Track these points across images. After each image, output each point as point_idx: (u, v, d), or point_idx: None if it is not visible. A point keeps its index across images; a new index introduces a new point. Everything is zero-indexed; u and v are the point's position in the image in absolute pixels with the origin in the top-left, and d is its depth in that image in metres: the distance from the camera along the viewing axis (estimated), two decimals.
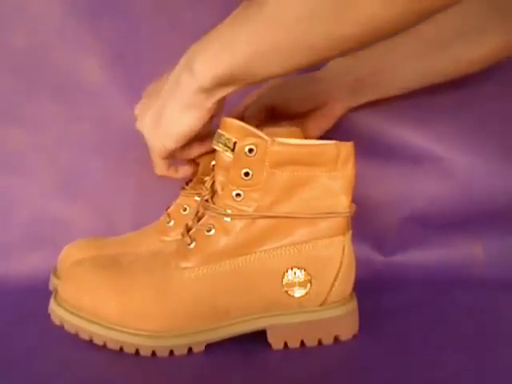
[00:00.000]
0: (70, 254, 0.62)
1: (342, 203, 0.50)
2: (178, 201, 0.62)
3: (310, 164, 0.49)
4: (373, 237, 0.70)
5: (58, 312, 0.50)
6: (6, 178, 0.73)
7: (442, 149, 0.68)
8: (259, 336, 0.51)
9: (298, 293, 0.50)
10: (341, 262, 0.51)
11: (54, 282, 0.63)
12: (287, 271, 0.50)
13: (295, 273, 0.50)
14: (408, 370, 0.47)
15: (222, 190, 0.50)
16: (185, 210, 0.61)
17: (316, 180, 0.49)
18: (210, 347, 0.50)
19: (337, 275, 0.51)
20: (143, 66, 0.71)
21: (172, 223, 0.61)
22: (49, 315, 0.51)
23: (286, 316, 0.51)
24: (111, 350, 0.49)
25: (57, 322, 0.50)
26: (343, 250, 0.51)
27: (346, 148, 0.49)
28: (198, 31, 0.58)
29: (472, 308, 0.59)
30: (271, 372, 0.48)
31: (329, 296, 0.51)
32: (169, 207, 0.63)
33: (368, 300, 0.57)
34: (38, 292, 0.61)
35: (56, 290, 0.52)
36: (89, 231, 0.70)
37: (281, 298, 0.50)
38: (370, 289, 0.59)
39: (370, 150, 0.69)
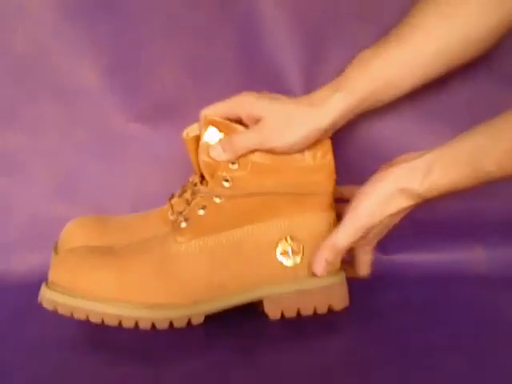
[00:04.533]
0: (72, 230, 0.61)
1: (326, 188, 0.53)
2: (186, 195, 0.60)
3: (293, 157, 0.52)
4: None
5: (49, 296, 0.50)
6: (6, 180, 0.73)
7: None
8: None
9: (292, 262, 0.52)
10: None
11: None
12: (280, 242, 0.52)
13: (288, 243, 0.52)
14: (407, 370, 0.47)
15: (212, 177, 0.52)
16: (187, 202, 0.57)
17: (299, 169, 0.52)
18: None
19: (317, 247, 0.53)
20: (142, 69, 0.71)
21: (174, 216, 0.59)
22: (46, 310, 0.50)
23: (281, 286, 0.53)
24: (111, 350, 0.49)
25: (49, 307, 0.50)
26: (330, 224, 0.54)
27: (324, 145, 0.53)
28: (197, 34, 0.58)
29: (472, 308, 0.59)
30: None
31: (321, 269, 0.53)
32: (172, 197, 0.61)
33: (368, 299, 0.58)
34: (38, 292, 0.61)
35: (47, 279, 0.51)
36: None
37: (275, 269, 0.52)
38: (370, 287, 0.59)
39: (371, 154, 0.69)
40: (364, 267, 0.56)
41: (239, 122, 0.54)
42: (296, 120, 0.52)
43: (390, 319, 0.56)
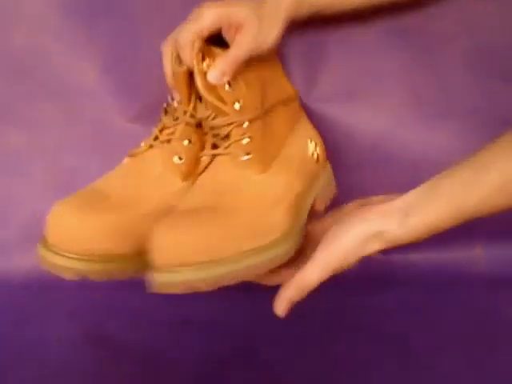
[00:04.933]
0: (63, 217, 0.52)
1: (287, 87, 0.59)
2: (178, 132, 0.54)
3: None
4: None
5: (184, 278, 0.42)
6: (6, 179, 0.73)
7: (439, 152, 0.68)
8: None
9: (316, 157, 0.57)
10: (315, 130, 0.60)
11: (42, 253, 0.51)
12: (307, 143, 0.57)
13: (311, 144, 0.58)
14: (407, 370, 0.47)
15: (226, 104, 0.51)
16: (190, 142, 0.53)
17: (274, 75, 0.57)
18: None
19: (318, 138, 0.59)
20: (141, 68, 0.71)
21: (184, 160, 0.52)
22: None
23: (318, 182, 0.57)
24: (111, 350, 0.49)
25: (188, 289, 0.42)
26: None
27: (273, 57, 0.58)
28: None
29: (471, 307, 0.59)
30: None
31: (323, 156, 0.59)
32: (157, 137, 0.55)
33: (367, 299, 0.58)
34: (37, 291, 0.61)
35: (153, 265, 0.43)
36: None
37: (314, 166, 0.56)
38: (369, 288, 0.59)
39: (370, 154, 0.69)
40: (280, 303, 0.48)
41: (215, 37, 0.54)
42: (269, 20, 0.54)
43: (389, 319, 0.56)
